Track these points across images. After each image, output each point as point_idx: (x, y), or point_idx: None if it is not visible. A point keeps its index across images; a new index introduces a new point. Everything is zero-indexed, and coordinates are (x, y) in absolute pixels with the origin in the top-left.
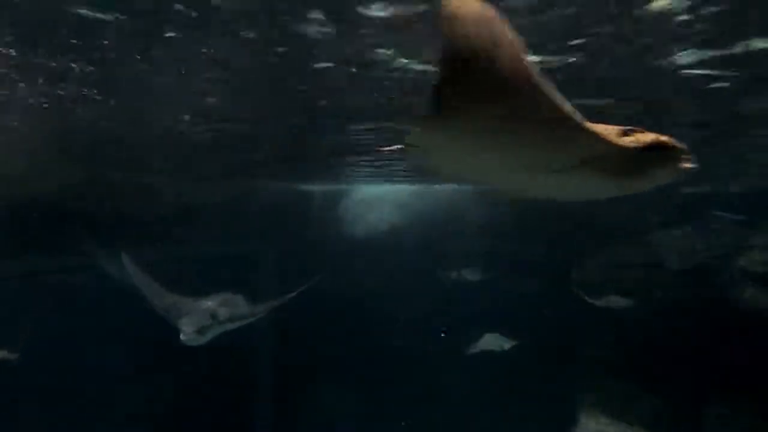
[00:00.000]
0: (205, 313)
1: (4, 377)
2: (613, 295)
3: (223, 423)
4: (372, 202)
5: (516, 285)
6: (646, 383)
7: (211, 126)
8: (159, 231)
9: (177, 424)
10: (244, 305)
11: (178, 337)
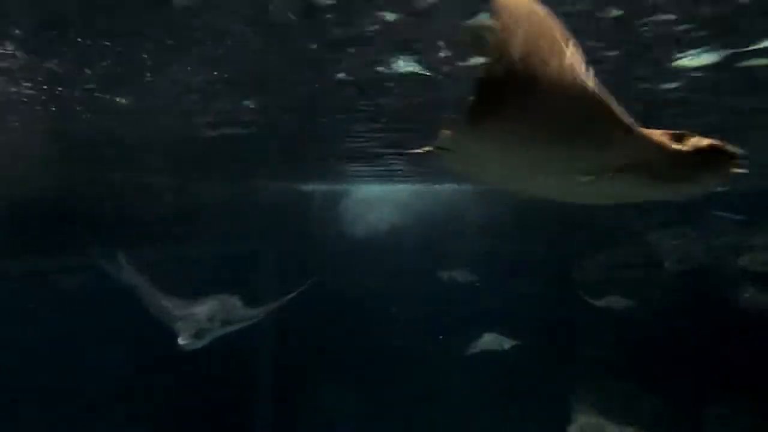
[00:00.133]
0: (202, 317)
1: (4, 377)
2: (613, 295)
3: (223, 423)
4: (372, 202)
5: (516, 285)
6: (646, 383)
7: (211, 126)
8: (159, 231)
9: (177, 424)
10: (242, 308)
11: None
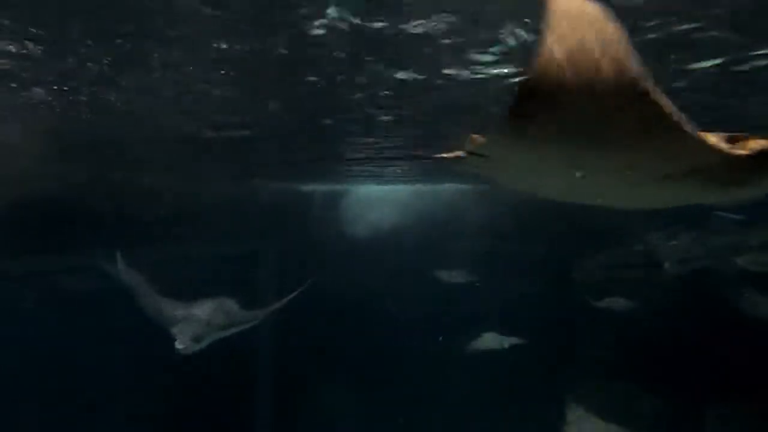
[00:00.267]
0: (201, 321)
1: (4, 377)
2: (613, 295)
3: (223, 423)
4: (372, 202)
5: (516, 285)
6: (646, 383)
7: (212, 126)
8: (158, 231)
9: (177, 424)
10: (240, 311)
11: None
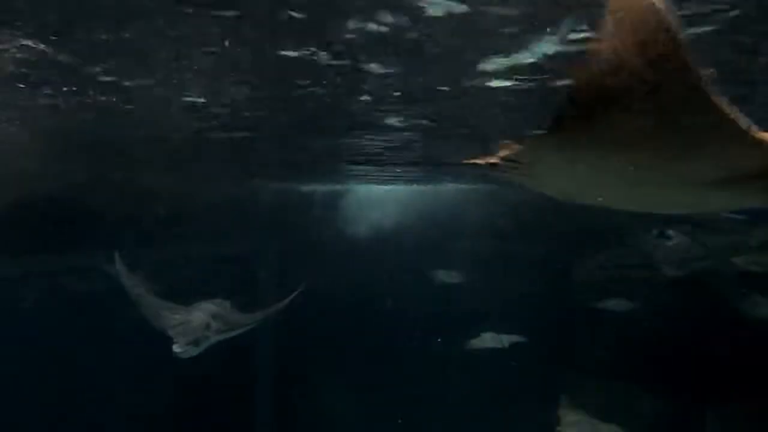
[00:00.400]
0: (199, 324)
1: (4, 377)
2: (613, 296)
3: (223, 423)
4: (372, 202)
5: (516, 285)
6: (646, 383)
7: (212, 126)
8: (159, 231)
9: (177, 424)
10: (239, 314)
11: None
